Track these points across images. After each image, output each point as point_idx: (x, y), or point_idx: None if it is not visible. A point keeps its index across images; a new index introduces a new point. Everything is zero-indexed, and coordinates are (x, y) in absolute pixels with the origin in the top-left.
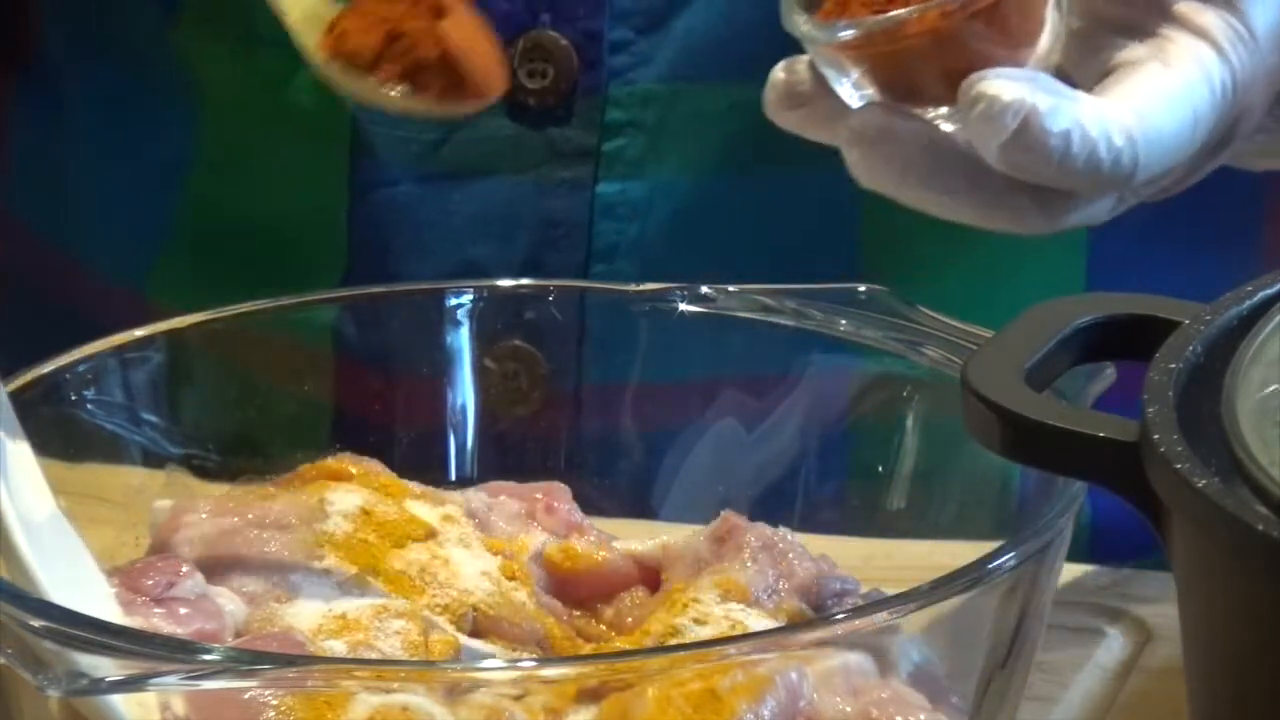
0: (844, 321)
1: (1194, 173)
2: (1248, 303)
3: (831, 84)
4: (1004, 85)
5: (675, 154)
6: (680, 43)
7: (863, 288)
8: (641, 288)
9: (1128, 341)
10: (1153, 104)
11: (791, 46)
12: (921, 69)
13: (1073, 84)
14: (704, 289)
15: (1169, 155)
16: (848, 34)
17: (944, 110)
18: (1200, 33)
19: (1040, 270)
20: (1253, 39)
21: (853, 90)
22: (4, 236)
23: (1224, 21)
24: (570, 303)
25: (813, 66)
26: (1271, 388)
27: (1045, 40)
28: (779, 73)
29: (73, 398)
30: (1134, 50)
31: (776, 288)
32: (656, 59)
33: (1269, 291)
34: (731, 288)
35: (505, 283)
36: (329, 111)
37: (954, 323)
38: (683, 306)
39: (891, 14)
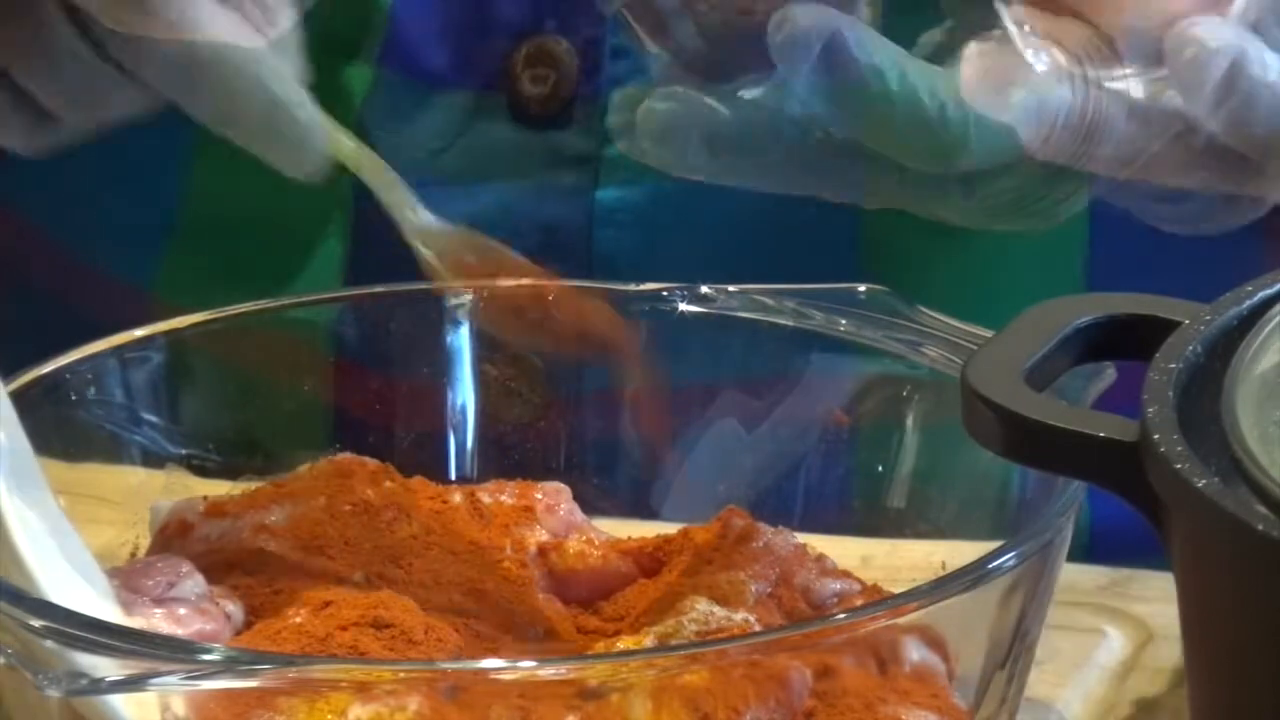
0: (844, 321)
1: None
2: (1248, 303)
3: None
4: (1212, 29)
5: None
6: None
7: (862, 288)
8: (642, 287)
9: (1128, 341)
10: None
11: None
12: None
13: None
14: (704, 289)
15: None
16: None
17: (1129, 70)
18: None
19: (1038, 271)
20: None
21: None
22: (9, 234)
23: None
24: (570, 304)
25: None
26: (1271, 388)
27: None
28: None
29: (73, 398)
30: None
31: (777, 287)
32: (658, 63)
33: (1269, 291)
34: (731, 288)
35: (505, 283)
36: (333, 110)
37: (954, 323)
38: (683, 306)
39: None
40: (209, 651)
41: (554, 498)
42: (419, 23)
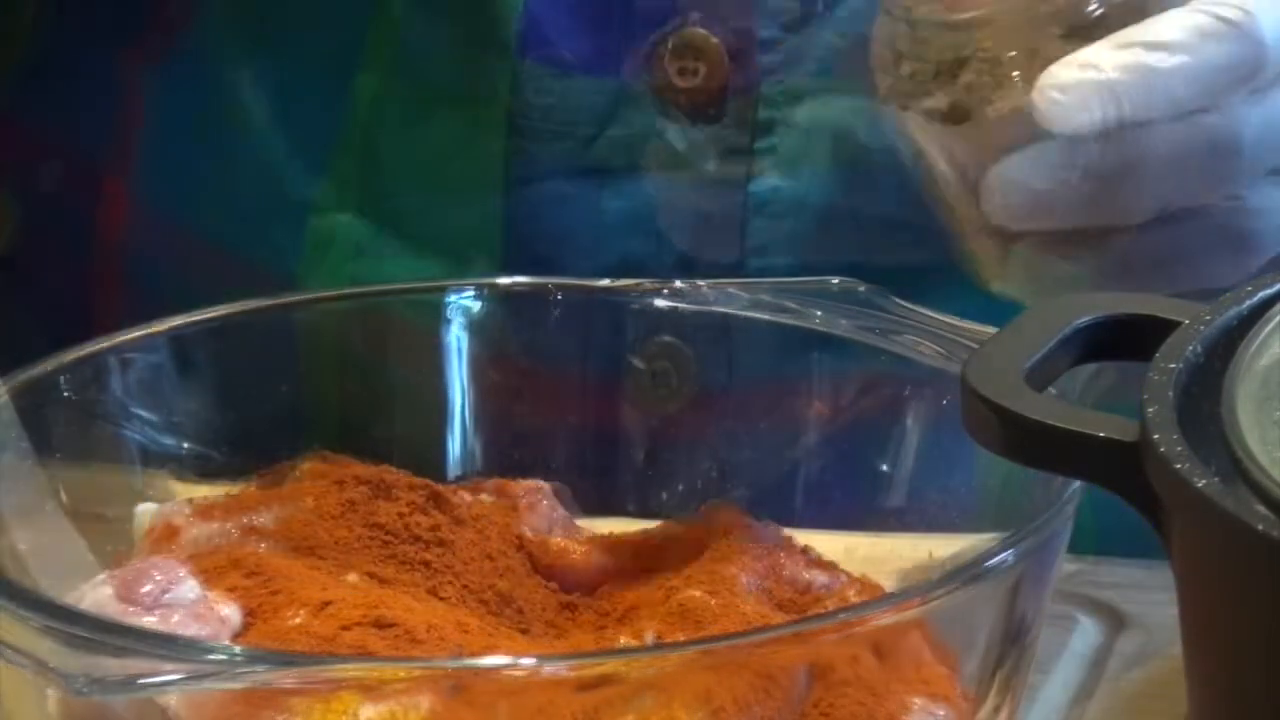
0: (844, 321)
1: None
2: (1248, 303)
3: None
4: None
5: (828, 151)
6: (831, 41)
7: (835, 280)
8: (642, 285)
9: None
10: None
11: None
12: None
13: None
14: (703, 285)
15: None
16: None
17: None
18: None
19: None
20: None
21: None
22: (148, 231)
23: None
24: (571, 303)
25: None
26: (1271, 388)
27: None
28: None
29: (73, 398)
30: None
31: (775, 281)
32: (808, 57)
33: (1269, 291)
34: (729, 284)
35: (504, 281)
36: (480, 102)
37: (953, 321)
38: (682, 305)
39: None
40: (210, 651)
41: (534, 495)
42: (560, 14)
